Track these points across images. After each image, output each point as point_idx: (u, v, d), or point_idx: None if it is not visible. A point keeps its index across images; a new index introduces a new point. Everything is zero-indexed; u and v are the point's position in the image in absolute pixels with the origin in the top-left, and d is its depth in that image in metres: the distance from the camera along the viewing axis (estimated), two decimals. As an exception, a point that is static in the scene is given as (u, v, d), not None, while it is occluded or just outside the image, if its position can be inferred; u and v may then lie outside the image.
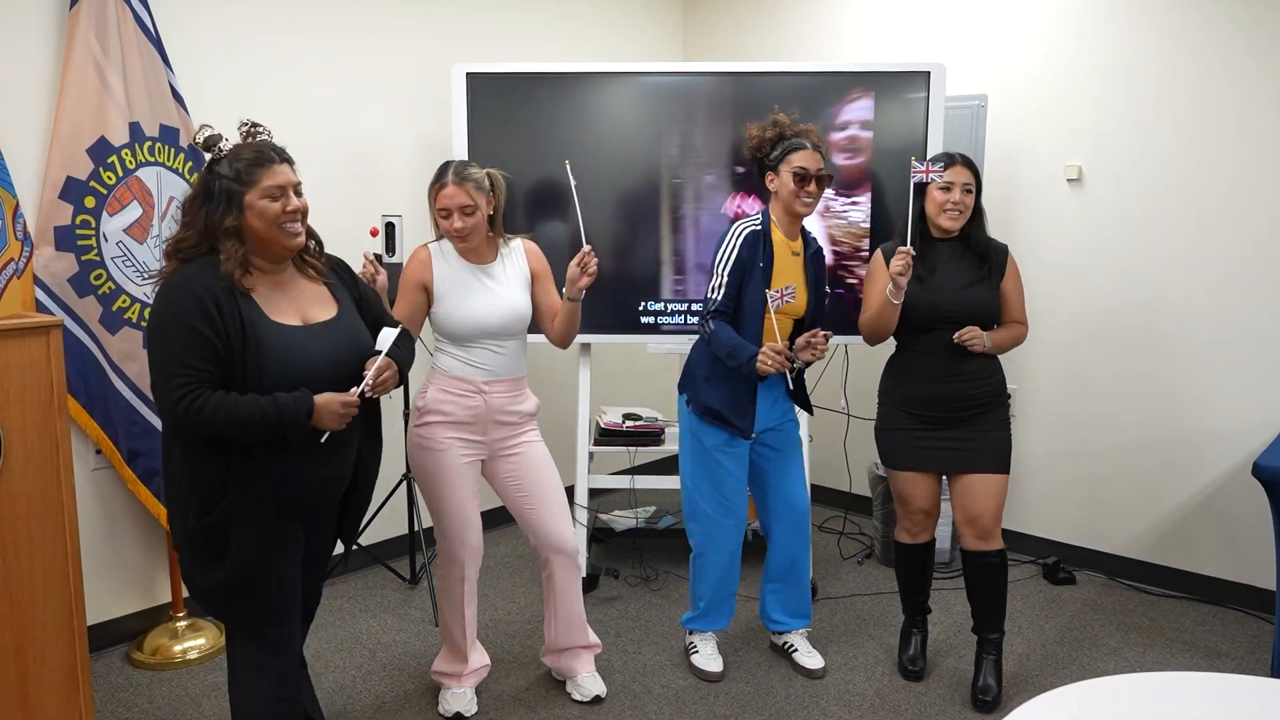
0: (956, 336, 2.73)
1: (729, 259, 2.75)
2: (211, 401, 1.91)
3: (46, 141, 2.87)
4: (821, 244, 3.02)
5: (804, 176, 2.74)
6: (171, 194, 3.05)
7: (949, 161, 2.74)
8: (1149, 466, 3.69)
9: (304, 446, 2.02)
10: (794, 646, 3.08)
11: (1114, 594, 3.67)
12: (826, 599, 3.59)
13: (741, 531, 2.97)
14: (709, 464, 2.89)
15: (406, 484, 3.65)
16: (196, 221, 2.01)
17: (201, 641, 3.16)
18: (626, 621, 3.41)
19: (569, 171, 2.67)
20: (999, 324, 2.85)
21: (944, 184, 2.73)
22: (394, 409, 3.51)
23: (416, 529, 3.67)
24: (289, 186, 2.04)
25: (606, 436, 3.83)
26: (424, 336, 2.76)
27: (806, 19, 4.48)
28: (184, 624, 3.19)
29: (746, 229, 2.77)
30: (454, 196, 2.56)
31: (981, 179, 2.80)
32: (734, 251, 2.75)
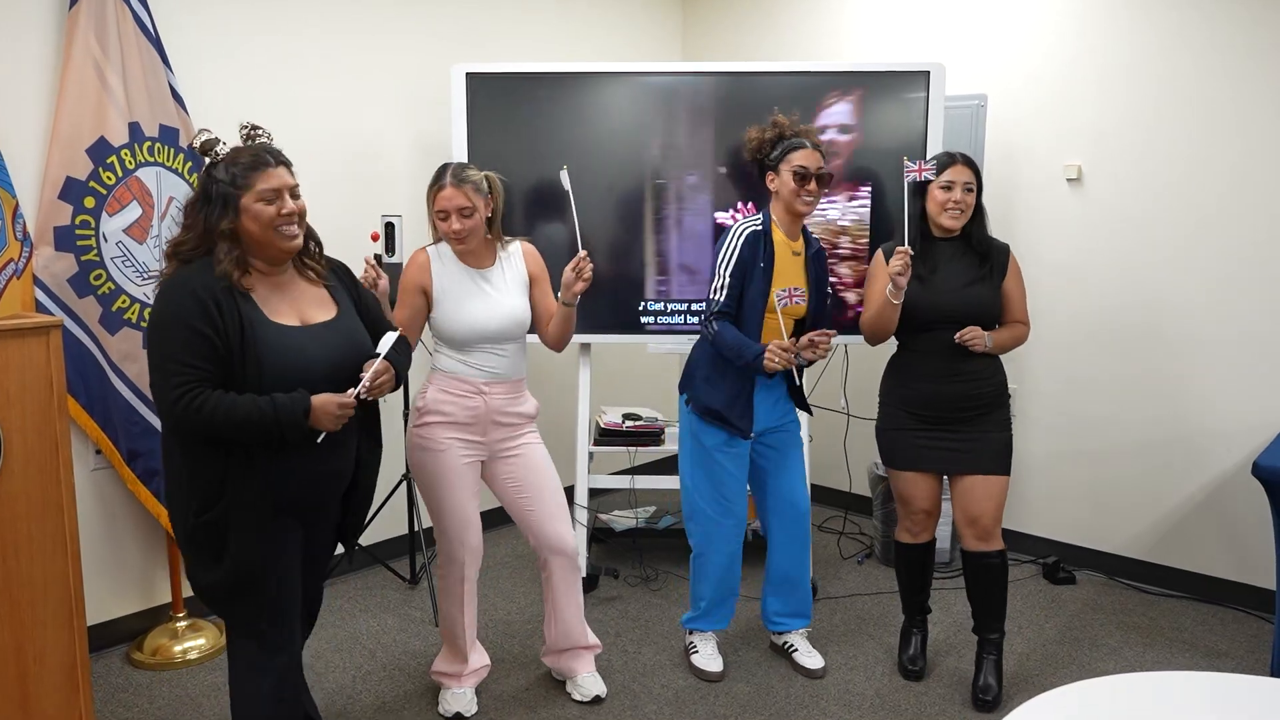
0: (957, 336, 2.72)
1: (730, 259, 2.75)
2: (210, 401, 1.93)
3: (46, 142, 2.87)
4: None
5: (804, 175, 2.74)
6: (171, 194, 3.05)
7: (949, 160, 2.73)
8: (1149, 466, 3.69)
9: (301, 446, 2.03)
10: (794, 646, 3.08)
11: (1114, 594, 3.67)
12: (826, 599, 3.59)
13: (741, 531, 2.97)
14: (709, 464, 2.89)
15: (406, 484, 3.65)
16: (196, 224, 2.03)
17: (201, 642, 3.16)
18: (626, 621, 3.41)
19: (566, 178, 2.66)
20: (1001, 324, 2.85)
21: (945, 183, 2.72)
22: (394, 409, 3.51)
23: (416, 529, 3.67)
24: (284, 190, 2.04)
25: (606, 436, 3.83)
26: (424, 337, 2.76)
27: (806, 19, 4.48)
28: (184, 624, 3.19)
29: (747, 229, 2.77)
30: (452, 199, 2.56)
31: (982, 178, 2.80)
32: (735, 251, 2.75)
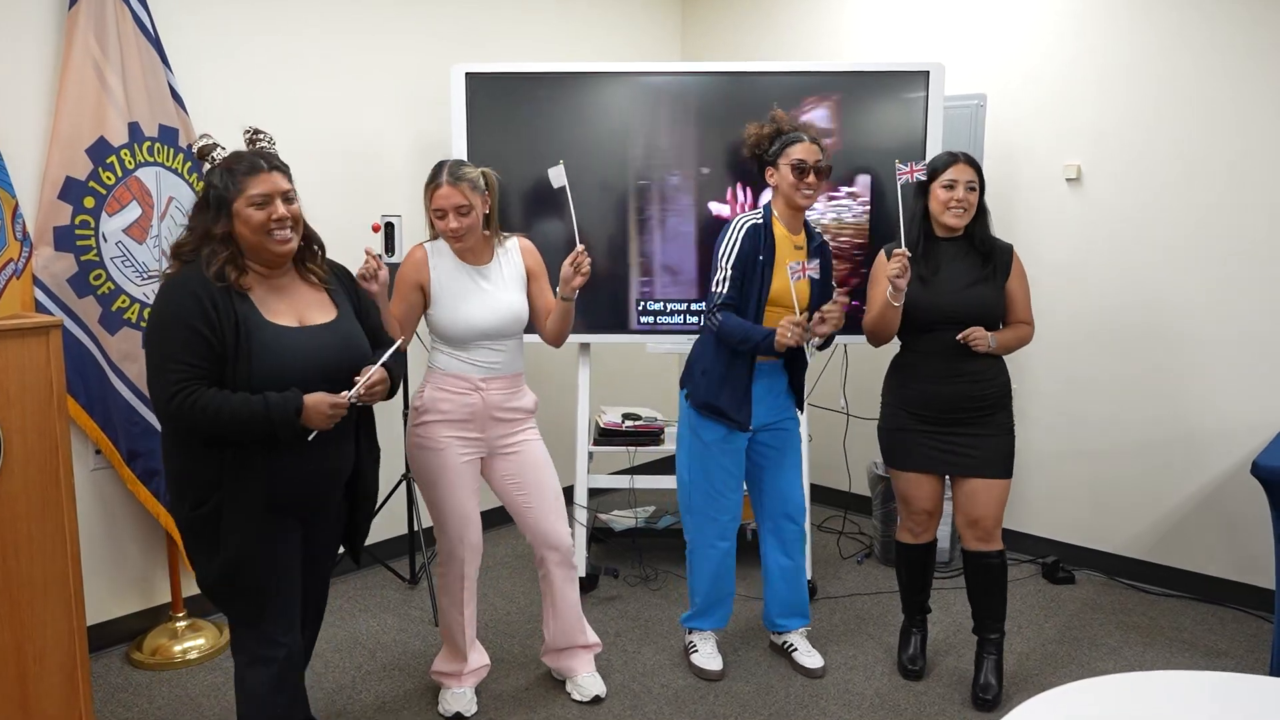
0: (960, 336, 2.72)
1: (731, 252, 2.76)
2: (204, 398, 1.95)
3: (46, 142, 2.87)
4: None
5: (802, 169, 2.74)
6: (171, 194, 3.05)
7: (951, 159, 2.73)
8: (1149, 466, 3.69)
9: (294, 444, 2.06)
10: (794, 646, 3.09)
11: (1113, 593, 3.67)
12: (826, 598, 3.59)
13: (736, 526, 2.97)
14: (706, 459, 2.89)
15: (406, 484, 3.65)
16: (196, 227, 2.08)
17: (201, 642, 3.16)
18: (626, 621, 3.41)
19: (562, 173, 2.65)
20: (1004, 324, 2.84)
21: (947, 181, 2.72)
22: (393, 409, 3.51)
23: (416, 529, 3.67)
24: (275, 194, 2.06)
25: (606, 436, 3.83)
26: (421, 334, 2.76)
27: (805, 19, 4.48)
28: (183, 624, 3.19)
29: (747, 222, 2.78)
30: (449, 197, 2.55)
31: (984, 177, 2.79)
32: (736, 244, 2.76)
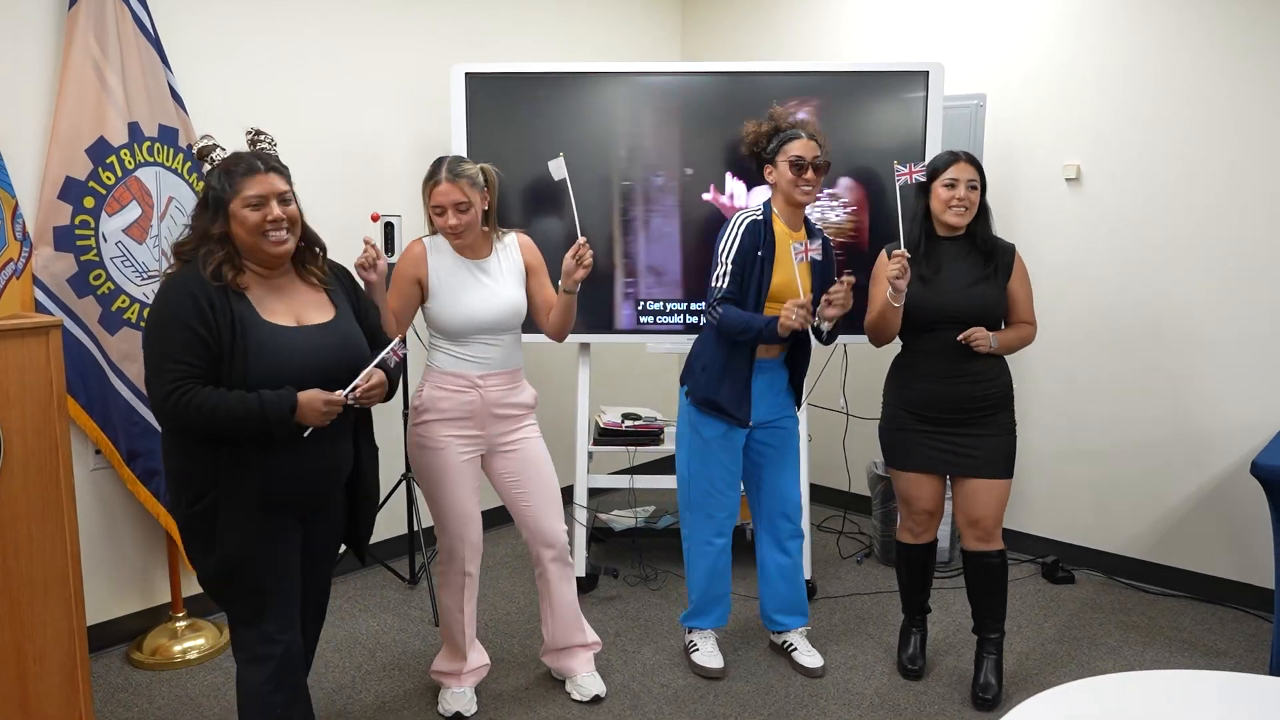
0: (961, 337, 2.71)
1: (732, 247, 2.76)
2: (199, 396, 1.97)
3: (45, 142, 2.87)
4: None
5: (801, 165, 2.74)
6: (170, 194, 3.05)
7: (952, 158, 2.73)
8: (1149, 466, 3.70)
9: (289, 442, 2.06)
10: (793, 645, 3.09)
11: (1113, 593, 3.67)
12: (826, 598, 3.59)
13: (732, 524, 2.97)
14: (705, 455, 2.89)
15: (406, 484, 3.65)
16: (196, 227, 2.09)
17: (201, 642, 3.16)
18: (626, 621, 3.41)
19: (562, 166, 2.65)
20: (1006, 324, 2.84)
21: (948, 180, 2.72)
22: (393, 409, 3.51)
23: (416, 529, 3.67)
24: (271, 196, 2.06)
25: (606, 436, 3.83)
26: (420, 331, 2.75)
27: (805, 19, 4.48)
28: (183, 624, 3.19)
29: (747, 218, 2.79)
30: (448, 193, 2.55)
31: (985, 177, 2.79)
32: (736, 240, 2.76)
